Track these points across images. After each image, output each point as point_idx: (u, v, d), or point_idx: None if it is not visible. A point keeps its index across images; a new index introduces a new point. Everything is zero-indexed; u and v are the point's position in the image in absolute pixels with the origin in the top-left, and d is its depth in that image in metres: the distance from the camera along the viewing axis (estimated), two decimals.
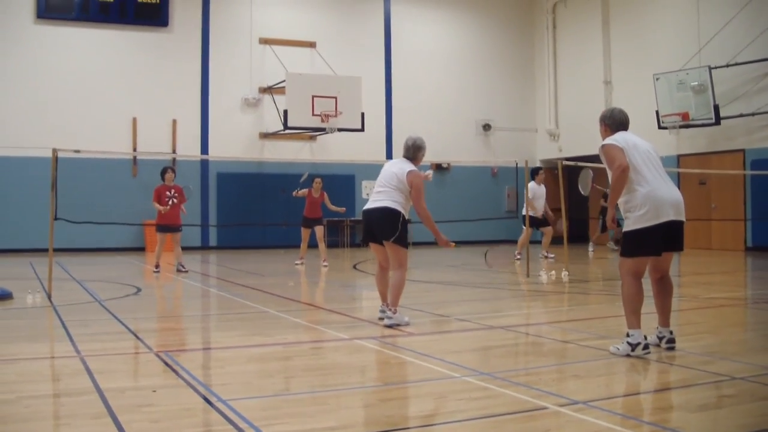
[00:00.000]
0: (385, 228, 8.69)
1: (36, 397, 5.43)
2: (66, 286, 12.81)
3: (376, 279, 9.19)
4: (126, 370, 6.67)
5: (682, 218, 6.88)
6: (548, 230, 19.13)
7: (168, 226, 16.16)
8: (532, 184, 18.09)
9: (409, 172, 8.74)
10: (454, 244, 9.33)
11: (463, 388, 5.73)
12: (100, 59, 23.83)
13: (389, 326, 8.36)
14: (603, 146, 7.09)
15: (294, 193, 17.89)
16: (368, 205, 8.90)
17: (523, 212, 17.64)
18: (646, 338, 6.75)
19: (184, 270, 16.03)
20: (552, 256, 18.76)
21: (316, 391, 5.70)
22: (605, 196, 21.85)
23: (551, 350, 7.45)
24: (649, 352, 6.69)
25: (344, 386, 5.89)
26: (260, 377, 6.24)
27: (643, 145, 7.05)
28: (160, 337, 8.31)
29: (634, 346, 6.68)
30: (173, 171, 16.47)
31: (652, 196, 6.74)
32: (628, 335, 6.76)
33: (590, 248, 21.83)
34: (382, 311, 8.77)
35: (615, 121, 7.34)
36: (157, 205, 15.97)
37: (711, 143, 22.67)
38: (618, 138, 7.05)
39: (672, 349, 6.95)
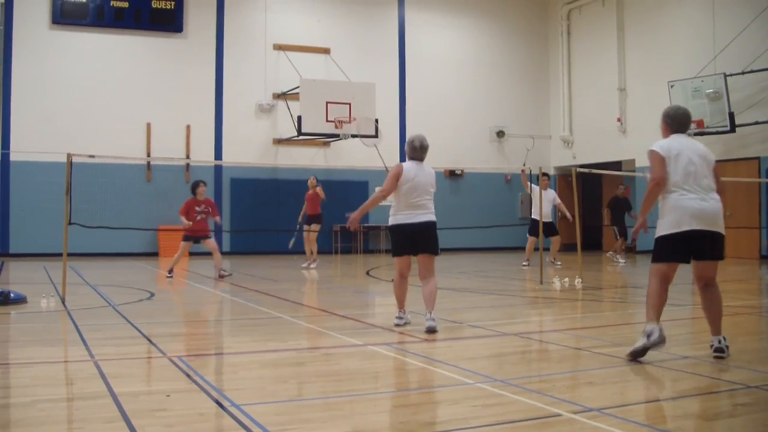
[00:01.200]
0: (433, 242, 8.91)
1: (50, 401, 5.45)
2: (80, 291, 12.86)
3: (397, 287, 9.14)
4: (139, 374, 6.69)
5: (712, 228, 6.99)
6: (556, 239, 19.10)
7: (195, 234, 16.12)
8: (537, 187, 18.24)
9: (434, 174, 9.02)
10: None
11: (477, 394, 5.71)
12: (114, 65, 23.94)
13: (431, 329, 8.46)
14: (651, 151, 7.19)
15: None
16: (414, 219, 8.77)
17: (533, 216, 17.80)
18: (661, 330, 6.81)
19: (227, 274, 16.10)
20: (559, 263, 18.73)
21: (329, 397, 5.69)
22: (610, 205, 21.77)
23: (565, 357, 7.43)
24: (662, 344, 6.82)
25: (358, 392, 5.89)
26: (274, 382, 6.23)
27: (690, 152, 7.10)
28: (174, 341, 8.32)
29: (648, 335, 6.80)
30: (204, 185, 16.35)
31: (677, 205, 6.93)
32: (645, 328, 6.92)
33: (620, 259, 21.21)
34: (400, 317, 8.97)
35: (675, 122, 7.41)
36: (184, 219, 15.96)
37: (726, 151, 22.57)
38: (665, 144, 7.15)
39: (720, 358, 6.86)
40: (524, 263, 18.67)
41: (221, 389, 5.83)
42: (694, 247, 7.00)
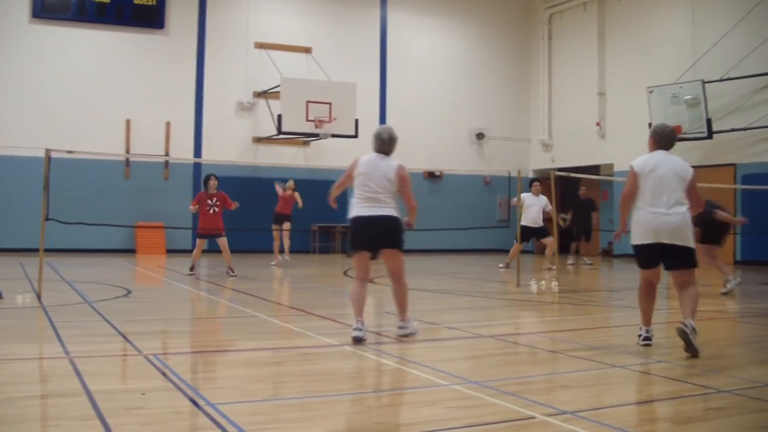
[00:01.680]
0: (392, 237, 8.20)
1: (26, 398, 5.43)
2: (56, 287, 12.79)
3: (356, 293, 8.23)
4: (115, 372, 6.67)
5: (673, 242, 7.57)
6: (549, 241, 18.60)
7: (208, 232, 16.21)
8: (526, 194, 18.49)
9: (399, 167, 8.33)
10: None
11: (452, 396, 5.74)
12: (95, 60, 23.83)
13: (405, 336, 8.14)
14: (631, 166, 7.91)
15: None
16: (366, 212, 8.15)
17: (522, 223, 17.79)
18: (648, 332, 7.89)
19: (233, 274, 15.94)
20: (554, 267, 18.56)
21: (305, 397, 5.71)
22: (574, 206, 21.80)
23: (540, 360, 7.48)
24: (648, 345, 7.79)
25: (334, 393, 5.90)
26: (250, 382, 6.24)
27: (665, 167, 7.69)
28: (150, 339, 8.29)
29: (638, 337, 7.92)
30: (216, 178, 16.40)
31: (641, 220, 7.68)
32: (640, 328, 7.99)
33: (586, 261, 21.52)
34: (359, 329, 7.94)
35: (663, 138, 7.99)
36: (191, 207, 16.31)
37: (704, 157, 22.74)
38: (642, 161, 7.80)
39: (685, 332, 7.25)
40: (502, 266, 18.74)
41: (197, 388, 5.83)
42: (663, 257, 7.69)
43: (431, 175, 27.49)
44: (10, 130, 22.33)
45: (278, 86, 23.20)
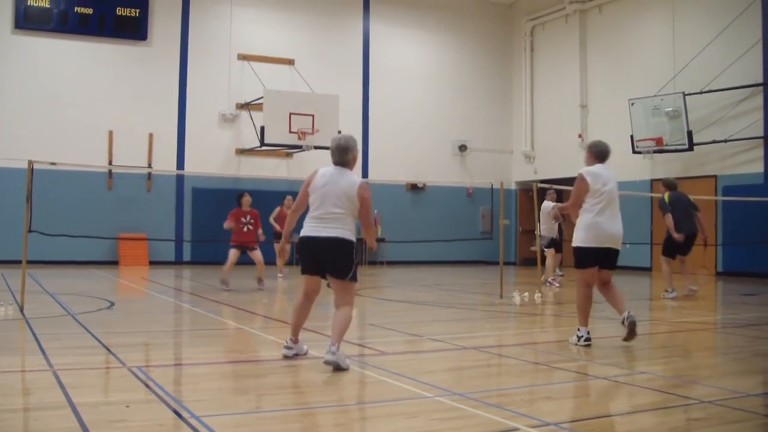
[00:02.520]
0: (340, 263, 7.34)
1: (8, 411, 5.41)
2: (38, 299, 12.74)
3: (297, 310, 7.73)
4: (99, 384, 6.65)
5: (616, 246, 8.77)
6: (552, 252, 18.31)
7: (242, 245, 15.90)
8: (546, 203, 18.05)
9: (360, 186, 7.43)
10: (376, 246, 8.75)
11: (435, 408, 5.76)
12: (78, 71, 23.78)
13: (331, 363, 7.00)
14: (580, 173, 8.79)
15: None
16: (314, 232, 7.37)
17: (539, 232, 17.16)
18: (588, 333, 8.70)
19: (262, 288, 15.90)
20: (554, 281, 18.17)
21: (289, 409, 5.72)
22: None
23: (523, 371, 7.50)
24: (588, 345, 8.57)
25: (317, 404, 5.92)
26: (233, 394, 6.24)
27: (612, 180, 8.78)
28: (134, 352, 8.27)
29: (578, 338, 8.68)
30: (249, 195, 16.18)
31: (596, 225, 8.61)
32: (578, 330, 8.79)
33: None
34: (289, 347, 7.65)
35: (600, 153, 8.98)
36: (226, 225, 15.85)
37: (684, 168, 22.91)
38: (594, 171, 8.75)
39: (633, 324, 8.43)
40: (551, 280, 17.97)
41: (181, 400, 5.82)
42: (602, 258, 8.73)
43: (414, 187, 27.54)
44: None
45: (261, 98, 23.22)
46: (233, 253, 15.79)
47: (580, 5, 26.75)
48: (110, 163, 23.55)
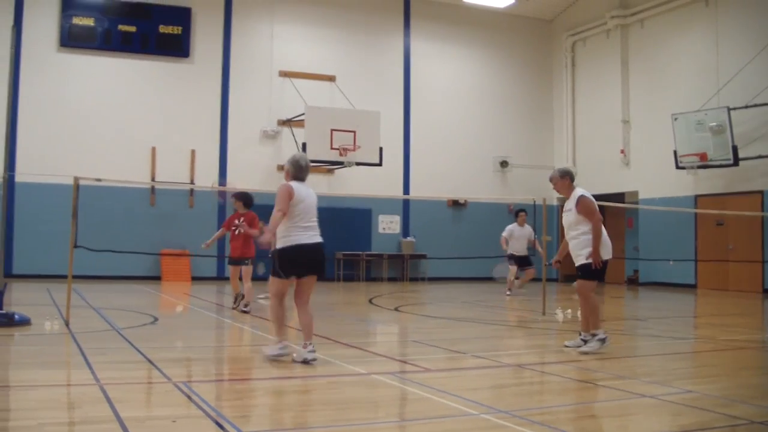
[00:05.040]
0: (324, 264, 8.72)
1: (56, 425, 5.47)
2: (83, 314, 12.87)
3: (279, 310, 8.71)
4: (145, 399, 6.71)
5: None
6: (530, 272, 19.70)
7: (238, 258, 14.46)
8: (512, 226, 19.81)
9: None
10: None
11: (481, 425, 5.74)
12: (121, 88, 24.07)
13: (315, 360, 8.25)
14: (584, 197, 9.57)
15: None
16: (311, 240, 8.44)
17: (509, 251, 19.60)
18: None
19: (246, 310, 14.10)
20: (518, 293, 19.50)
21: (333, 426, 5.72)
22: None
23: (567, 389, 7.45)
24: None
25: (361, 421, 5.91)
26: (278, 410, 6.26)
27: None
28: (178, 367, 8.34)
29: (602, 342, 9.50)
30: (244, 196, 14.69)
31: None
32: (593, 335, 9.50)
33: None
34: (284, 347, 8.60)
35: (299, 170, 8.63)
36: (217, 234, 14.94)
37: (729, 184, 22.65)
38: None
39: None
40: (507, 293, 19.69)
41: (226, 416, 5.85)
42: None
43: (455, 203, 27.49)
44: (37, 158, 22.53)
45: (302, 114, 23.32)
46: (230, 271, 14.83)
47: (621, 20, 26.59)
48: (153, 179, 23.78)
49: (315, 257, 8.50)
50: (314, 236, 8.48)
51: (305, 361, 8.19)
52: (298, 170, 8.62)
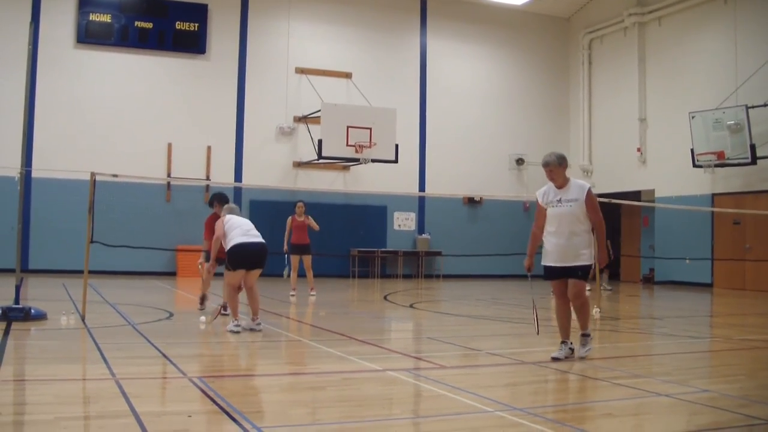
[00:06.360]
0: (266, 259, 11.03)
1: (73, 419, 5.49)
2: (99, 309, 12.92)
3: (236, 297, 10.99)
4: (161, 394, 6.73)
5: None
6: None
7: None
8: None
9: None
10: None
11: (496, 423, 5.72)
12: (137, 85, 24.15)
13: (259, 330, 10.73)
14: (591, 190, 9.27)
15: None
16: (254, 239, 10.84)
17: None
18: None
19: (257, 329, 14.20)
20: None
21: (347, 422, 5.71)
22: None
23: (584, 387, 7.42)
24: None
25: (377, 418, 5.91)
26: (293, 406, 6.26)
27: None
28: (194, 362, 8.36)
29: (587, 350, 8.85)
30: (216, 201, 13.25)
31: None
32: (585, 335, 8.99)
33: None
34: (237, 325, 10.65)
35: (567, 163, 9.34)
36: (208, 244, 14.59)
37: (746, 183, 22.52)
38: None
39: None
40: None
41: (242, 411, 5.84)
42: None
43: (470, 201, 27.45)
44: (54, 154, 22.64)
45: (318, 111, 23.33)
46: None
47: (639, 18, 26.48)
48: (169, 175, 23.85)
49: (256, 253, 10.86)
50: (254, 237, 10.93)
51: (252, 330, 10.66)
52: (230, 210, 11.43)
